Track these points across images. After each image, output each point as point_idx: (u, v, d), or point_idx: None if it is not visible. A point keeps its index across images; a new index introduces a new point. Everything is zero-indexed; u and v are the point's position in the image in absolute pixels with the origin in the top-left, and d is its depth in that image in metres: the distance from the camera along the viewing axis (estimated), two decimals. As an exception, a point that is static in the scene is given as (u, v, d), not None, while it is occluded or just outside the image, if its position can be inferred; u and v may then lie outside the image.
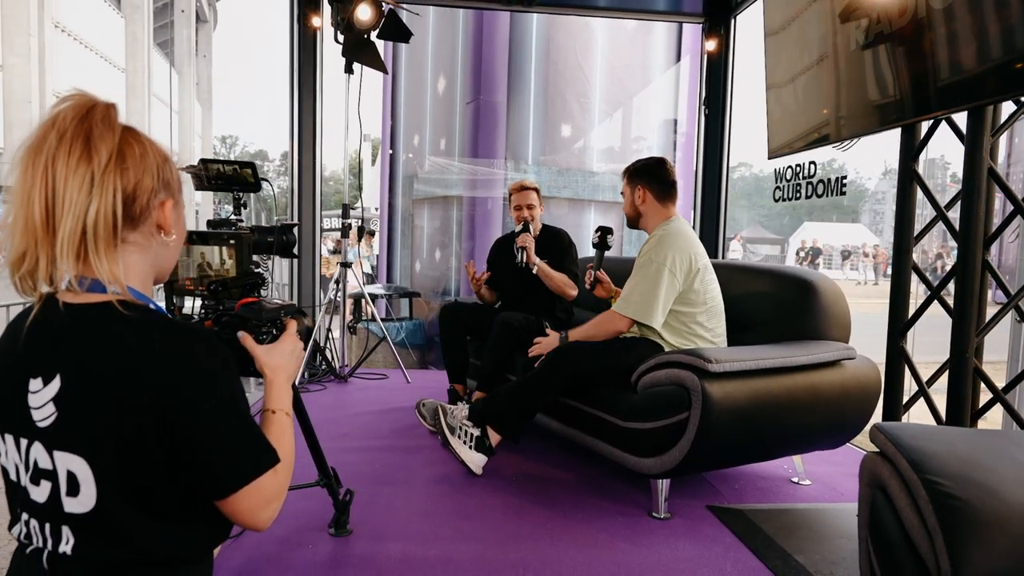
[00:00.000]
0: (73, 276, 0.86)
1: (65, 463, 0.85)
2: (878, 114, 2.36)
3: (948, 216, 2.22)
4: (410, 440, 2.97)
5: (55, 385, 0.85)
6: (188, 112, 19.18)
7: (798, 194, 3.33)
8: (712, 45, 4.71)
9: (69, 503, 0.86)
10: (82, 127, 0.84)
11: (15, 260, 0.85)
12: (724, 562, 1.93)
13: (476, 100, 5.94)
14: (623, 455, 2.28)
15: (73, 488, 0.85)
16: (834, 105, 2.61)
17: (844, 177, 3.09)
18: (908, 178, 2.37)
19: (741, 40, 4.71)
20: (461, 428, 2.54)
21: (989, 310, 2.14)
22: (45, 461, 0.86)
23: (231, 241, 1.42)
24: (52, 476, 0.86)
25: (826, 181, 3.16)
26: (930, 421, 2.33)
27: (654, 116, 6.37)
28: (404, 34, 4.24)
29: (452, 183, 6.33)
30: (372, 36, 4.08)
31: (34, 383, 0.86)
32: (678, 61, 6.16)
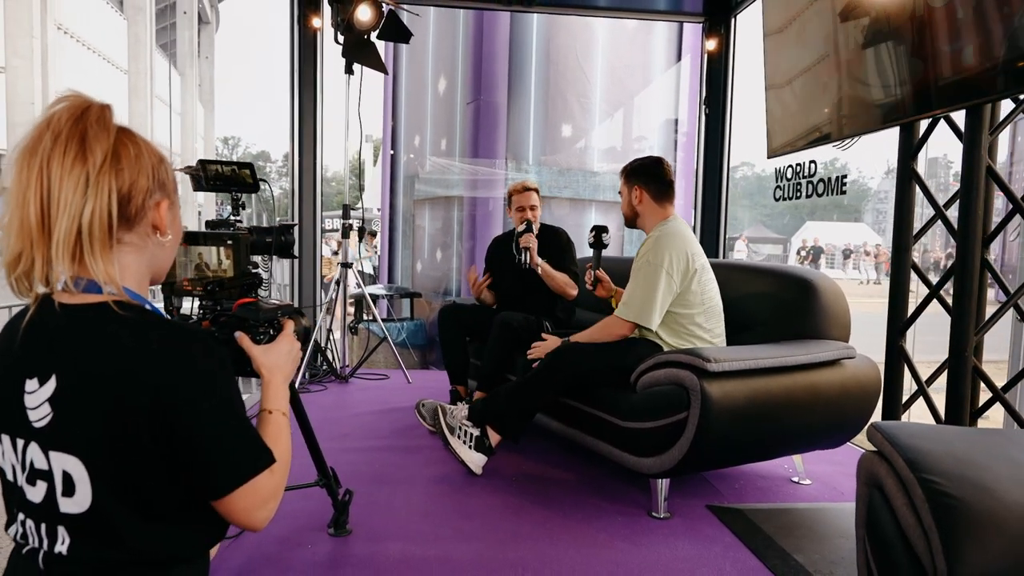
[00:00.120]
0: (69, 277, 0.86)
1: (61, 463, 0.85)
2: (879, 112, 2.36)
3: (947, 215, 2.22)
4: (410, 440, 2.98)
5: (51, 385, 0.85)
6: (190, 113, 19.20)
7: (798, 193, 3.33)
8: (712, 45, 4.71)
9: (65, 503, 0.86)
10: (77, 128, 0.85)
11: (11, 261, 0.85)
12: (723, 562, 1.93)
13: (477, 100, 5.94)
14: (622, 455, 2.28)
15: (69, 488, 0.86)
16: (835, 104, 2.61)
17: (844, 176, 3.09)
18: (907, 177, 2.37)
19: (741, 39, 4.71)
20: (461, 428, 2.54)
21: (990, 309, 2.13)
22: (41, 461, 0.86)
23: (229, 242, 1.43)
24: (48, 476, 0.86)
25: (826, 180, 3.16)
26: (930, 420, 2.33)
27: (655, 116, 6.36)
28: (404, 35, 4.24)
29: (453, 183, 6.33)
30: (372, 37, 4.09)
31: (30, 383, 0.86)
32: (679, 61, 6.15)
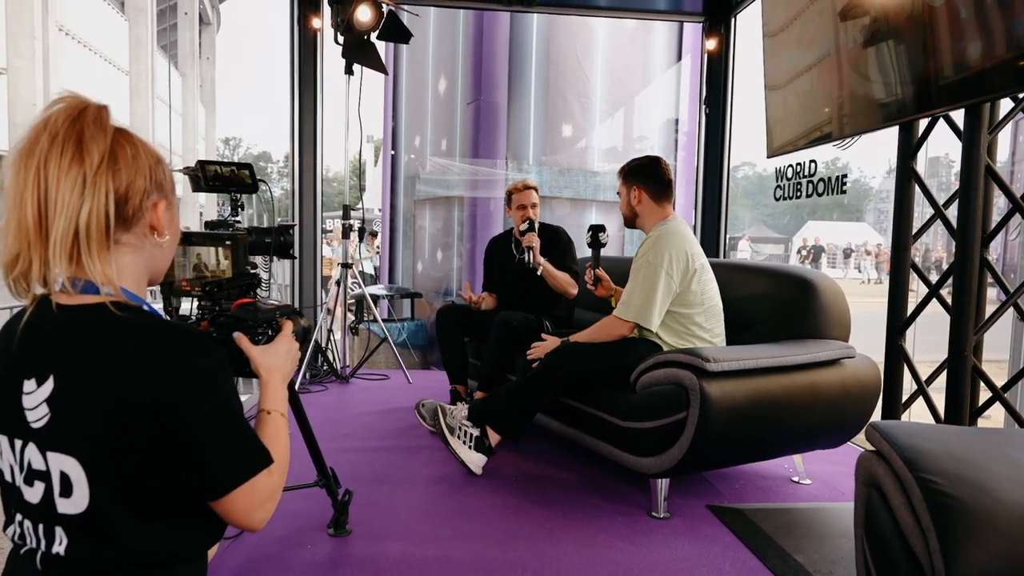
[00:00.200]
0: (66, 278, 0.87)
1: (58, 464, 0.86)
2: (880, 111, 2.35)
3: (946, 215, 2.21)
4: (410, 440, 2.98)
5: (48, 386, 0.85)
6: (192, 114, 19.20)
7: (799, 193, 3.33)
8: (712, 44, 4.71)
9: (62, 504, 0.86)
10: (74, 129, 0.85)
11: (8, 262, 0.85)
12: (723, 561, 1.92)
13: (477, 100, 5.94)
14: (622, 455, 2.28)
15: (66, 489, 0.86)
16: (836, 103, 2.60)
17: (845, 176, 3.09)
18: (906, 176, 2.37)
19: (742, 39, 4.71)
20: (461, 428, 2.54)
21: (991, 308, 2.13)
22: (39, 462, 0.87)
23: (227, 242, 1.43)
24: (45, 477, 0.86)
25: (827, 180, 3.16)
26: (930, 420, 2.32)
27: (656, 116, 6.36)
28: (404, 35, 4.24)
29: (453, 183, 6.34)
30: (372, 37, 4.09)
31: (28, 384, 0.86)
32: (679, 60, 6.15)
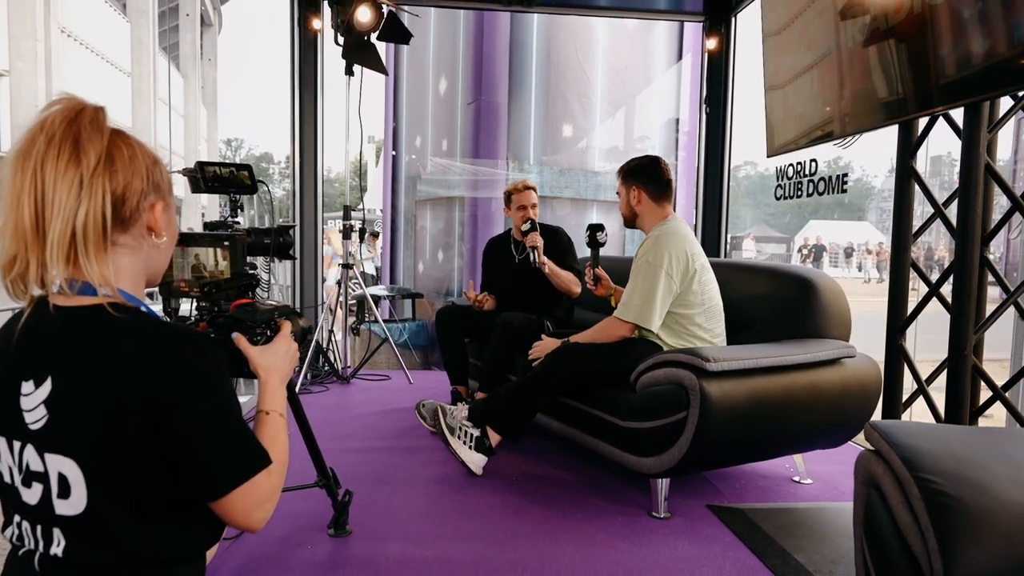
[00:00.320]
0: (64, 279, 0.87)
1: (56, 465, 0.86)
2: (880, 110, 2.35)
3: (946, 214, 2.21)
4: (411, 440, 2.98)
5: (46, 388, 0.85)
6: (194, 115, 19.22)
7: (799, 192, 3.32)
8: (713, 44, 4.71)
9: (60, 505, 0.86)
10: (70, 130, 0.85)
11: (6, 264, 0.85)
12: (723, 561, 1.92)
13: (477, 101, 5.94)
14: (623, 455, 2.28)
15: (64, 490, 0.86)
16: (837, 102, 2.60)
17: (845, 175, 3.09)
18: (906, 175, 2.36)
19: (742, 38, 4.71)
20: (461, 428, 2.54)
21: (993, 307, 2.12)
22: (36, 463, 0.87)
23: (225, 243, 1.43)
24: (43, 478, 0.87)
25: (827, 179, 3.15)
26: (930, 420, 2.32)
27: (656, 115, 6.35)
28: (404, 36, 4.25)
29: (454, 184, 6.34)
30: (372, 38, 4.09)
31: (26, 386, 0.87)
32: (679, 60, 6.14)
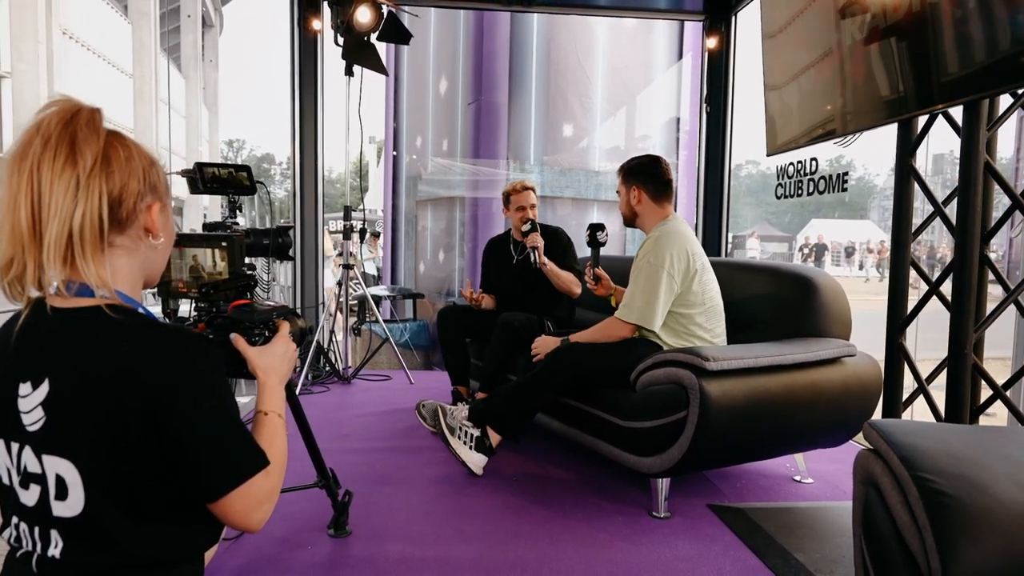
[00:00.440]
0: (61, 280, 0.87)
1: (54, 467, 0.86)
2: (881, 108, 2.34)
3: (946, 212, 2.20)
4: (411, 441, 2.98)
5: (44, 389, 0.86)
6: (195, 116, 19.25)
7: (800, 191, 3.32)
8: (713, 43, 4.70)
9: (58, 507, 0.86)
10: (67, 132, 0.85)
11: (3, 266, 0.85)
12: (723, 561, 1.92)
13: (477, 101, 5.94)
14: (623, 454, 2.28)
15: (62, 492, 0.86)
16: (838, 100, 2.59)
17: (846, 173, 3.08)
18: (905, 173, 2.36)
19: (742, 37, 4.70)
20: (461, 429, 2.54)
21: (995, 306, 2.12)
22: (34, 465, 0.87)
23: (223, 243, 1.43)
24: (41, 480, 0.87)
25: (828, 177, 3.15)
26: (931, 419, 2.32)
27: (657, 115, 6.35)
28: (404, 36, 4.25)
29: (455, 184, 6.34)
30: (372, 38, 4.09)
31: (23, 387, 0.87)
32: (680, 59, 6.14)
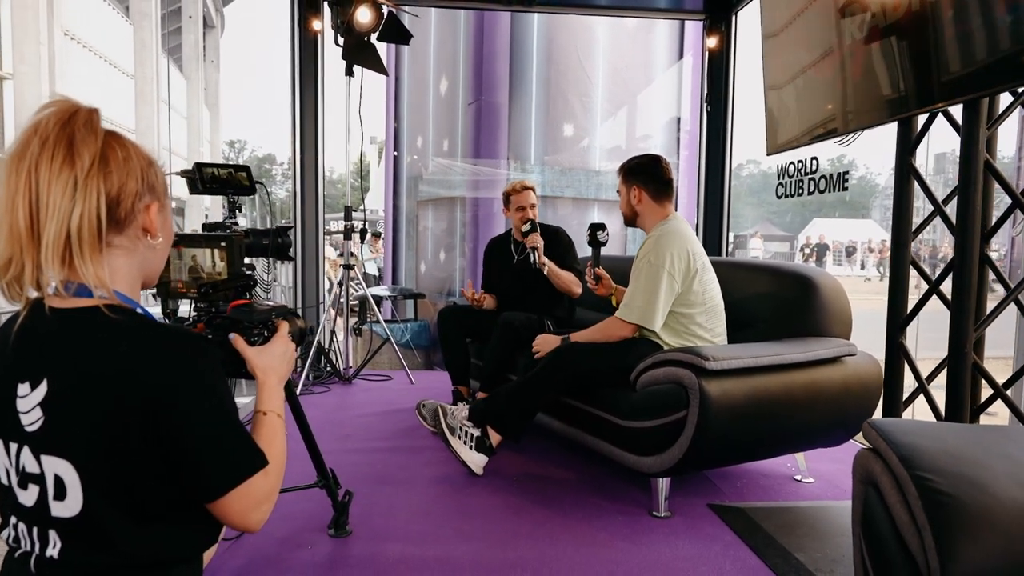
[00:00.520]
0: (59, 281, 0.87)
1: (52, 467, 0.86)
2: (882, 106, 2.34)
3: (945, 211, 2.20)
4: (412, 441, 2.98)
5: (42, 390, 0.86)
6: (196, 117, 19.28)
7: (801, 190, 3.31)
8: (713, 42, 4.70)
9: (56, 507, 0.86)
10: (64, 132, 0.85)
11: (1, 266, 0.85)
12: (724, 560, 1.92)
13: (478, 101, 5.94)
14: (623, 454, 2.28)
15: (60, 492, 0.86)
16: (839, 100, 2.59)
17: (846, 172, 3.08)
18: (905, 172, 2.36)
19: (743, 36, 4.69)
20: (461, 428, 2.54)
21: (994, 305, 2.11)
22: (33, 465, 0.87)
23: (222, 243, 1.44)
24: (40, 480, 0.87)
25: (828, 176, 3.14)
26: (931, 418, 2.31)
27: (658, 114, 6.34)
28: (404, 36, 4.25)
29: (456, 184, 6.34)
30: (372, 39, 4.10)
31: (22, 388, 0.87)
32: (680, 58, 6.13)
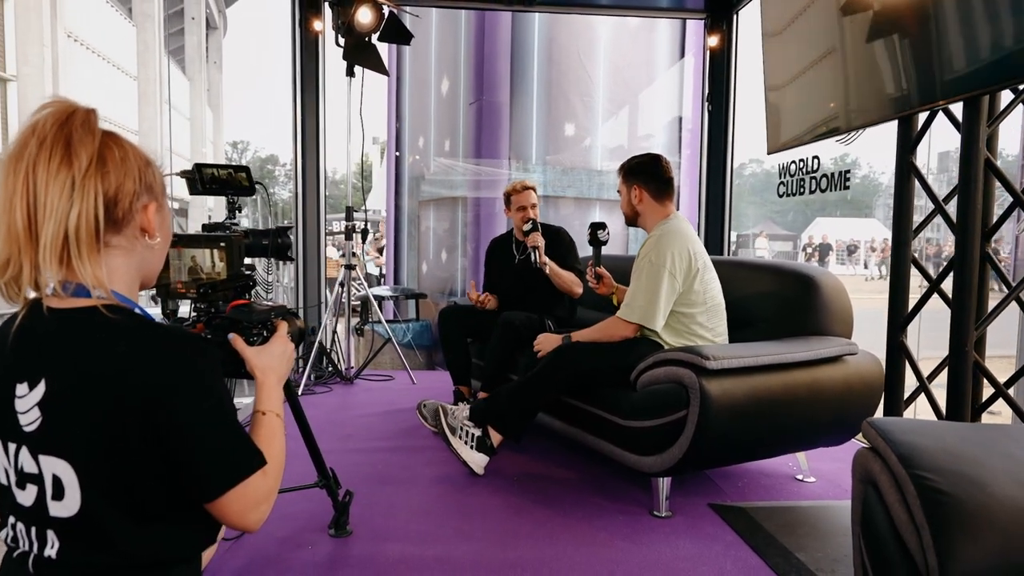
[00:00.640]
0: (57, 281, 0.87)
1: (50, 467, 0.86)
2: (883, 105, 2.33)
3: (946, 209, 2.19)
4: (413, 441, 2.99)
5: (40, 390, 0.86)
6: (199, 118, 19.34)
7: (802, 189, 3.31)
8: (714, 41, 4.69)
9: (54, 507, 0.87)
10: (62, 132, 0.85)
11: None
12: (724, 560, 1.92)
13: (479, 101, 5.94)
14: (624, 453, 2.28)
15: (58, 492, 0.86)
16: (840, 98, 2.58)
17: (848, 171, 3.07)
18: (905, 170, 2.35)
19: (744, 35, 4.68)
20: (462, 428, 2.54)
21: (995, 303, 2.10)
22: (31, 465, 0.87)
23: (221, 243, 1.44)
24: (38, 480, 0.87)
25: (830, 175, 3.14)
26: (932, 417, 2.31)
27: (660, 113, 6.33)
28: (405, 36, 4.25)
29: (457, 184, 6.34)
30: (373, 39, 4.10)
31: (20, 388, 0.87)
32: (682, 58, 6.13)
